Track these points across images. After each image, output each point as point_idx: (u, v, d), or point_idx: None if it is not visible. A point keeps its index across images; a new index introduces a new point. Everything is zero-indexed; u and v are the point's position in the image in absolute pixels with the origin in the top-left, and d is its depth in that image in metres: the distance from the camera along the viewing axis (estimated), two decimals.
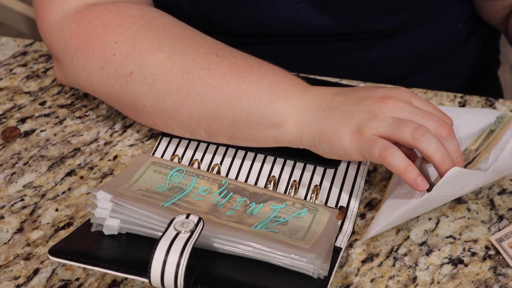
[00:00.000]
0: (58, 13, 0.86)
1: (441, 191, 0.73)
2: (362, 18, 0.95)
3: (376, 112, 0.75)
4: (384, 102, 0.75)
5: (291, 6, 0.93)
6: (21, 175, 0.87)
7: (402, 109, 0.75)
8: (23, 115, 0.94)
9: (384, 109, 0.75)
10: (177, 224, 0.68)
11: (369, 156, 0.74)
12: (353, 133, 0.74)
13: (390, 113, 0.75)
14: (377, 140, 0.73)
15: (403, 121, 0.73)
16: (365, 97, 0.76)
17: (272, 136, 0.79)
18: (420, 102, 0.77)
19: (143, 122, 0.86)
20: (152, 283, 0.67)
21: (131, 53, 0.82)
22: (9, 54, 1.03)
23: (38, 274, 0.77)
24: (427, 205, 0.75)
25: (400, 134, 0.73)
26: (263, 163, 0.85)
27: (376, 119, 0.74)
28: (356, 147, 0.74)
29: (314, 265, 0.70)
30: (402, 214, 0.75)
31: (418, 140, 0.73)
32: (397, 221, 0.76)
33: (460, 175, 0.72)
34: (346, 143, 0.75)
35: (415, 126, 0.73)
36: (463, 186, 0.75)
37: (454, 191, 0.75)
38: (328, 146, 0.76)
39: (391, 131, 0.73)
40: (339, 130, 0.75)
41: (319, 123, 0.76)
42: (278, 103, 0.78)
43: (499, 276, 0.75)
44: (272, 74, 0.80)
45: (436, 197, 0.74)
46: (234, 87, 0.79)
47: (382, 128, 0.74)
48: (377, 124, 0.74)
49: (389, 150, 0.72)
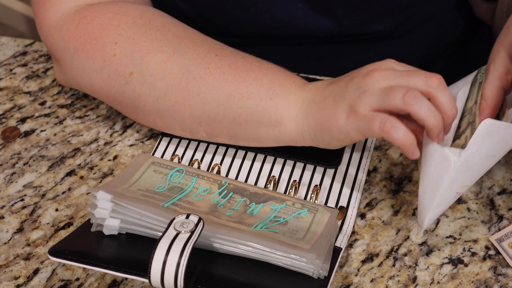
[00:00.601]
0: (57, 13, 0.86)
1: (479, 149, 0.68)
2: (359, 19, 0.95)
3: (364, 88, 0.73)
4: (370, 76, 0.73)
5: (288, 7, 0.92)
6: (21, 175, 0.87)
7: (387, 77, 0.73)
8: (23, 115, 0.94)
9: (371, 82, 0.73)
10: (177, 224, 0.68)
11: (369, 133, 0.72)
12: (348, 114, 0.73)
13: (378, 84, 0.73)
14: (375, 115, 0.71)
15: (392, 88, 0.71)
16: (352, 77, 0.75)
17: (273, 135, 0.79)
18: (404, 66, 0.75)
19: (143, 123, 0.86)
20: (152, 283, 0.67)
21: (131, 53, 0.82)
22: (9, 54, 1.03)
23: (38, 274, 0.77)
24: (469, 171, 0.70)
25: (391, 102, 0.71)
26: (263, 163, 0.85)
27: (365, 94, 0.72)
28: (354, 127, 0.73)
29: (314, 265, 0.70)
30: (448, 189, 0.70)
31: (409, 104, 0.70)
32: (445, 199, 0.71)
33: (494, 127, 0.68)
34: (343, 125, 0.73)
35: (404, 91, 0.70)
36: (503, 143, 0.70)
37: (494, 150, 0.70)
38: (328, 134, 0.75)
39: (382, 102, 0.71)
40: (334, 116, 0.74)
41: (315, 115, 0.76)
42: (277, 101, 0.78)
43: (499, 276, 0.75)
44: (272, 72, 0.80)
45: (477, 157, 0.69)
46: (234, 86, 0.79)
47: (373, 102, 0.72)
48: (367, 99, 0.72)
49: (389, 123, 0.70)
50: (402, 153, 0.75)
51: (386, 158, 0.87)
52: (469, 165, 0.70)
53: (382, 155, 0.87)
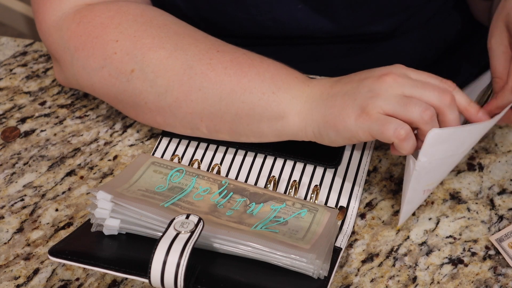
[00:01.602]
0: (57, 13, 0.86)
1: (433, 156, 0.72)
2: (359, 20, 0.95)
3: (377, 91, 0.74)
4: (384, 80, 0.74)
5: (288, 8, 0.93)
6: (21, 175, 0.87)
7: (402, 84, 0.74)
8: (23, 115, 0.94)
9: (385, 86, 0.74)
10: (177, 225, 0.68)
11: (380, 135, 0.73)
12: (358, 114, 0.74)
13: (392, 90, 0.74)
14: (389, 119, 0.72)
15: (410, 100, 0.73)
16: (363, 78, 0.76)
17: (276, 129, 0.79)
18: (417, 74, 0.76)
19: (143, 121, 0.86)
20: (152, 283, 0.67)
21: (132, 51, 0.82)
22: (9, 54, 1.03)
23: (38, 274, 0.77)
24: (433, 171, 0.74)
25: (408, 114, 0.72)
26: (263, 163, 0.85)
27: (379, 98, 0.73)
28: (364, 127, 0.73)
29: (314, 265, 0.70)
30: (413, 190, 0.75)
31: (426, 122, 0.72)
32: (414, 198, 0.76)
33: (442, 135, 0.71)
34: (352, 125, 0.74)
35: (424, 107, 0.72)
36: (458, 144, 0.74)
37: (452, 151, 0.74)
38: (334, 132, 0.76)
39: (399, 110, 0.73)
40: (342, 114, 0.75)
41: (322, 112, 0.76)
42: (280, 96, 0.78)
43: (499, 276, 0.75)
44: (274, 68, 0.80)
45: (434, 162, 0.73)
46: (236, 81, 0.79)
47: (388, 107, 0.73)
48: (382, 103, 0.73)
49: (404, 131, 0.72)
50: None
51: (386, 158, 0.87)
52: (428, 170, 0.74)
53: (382, 155, 0.87)
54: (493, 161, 0.85)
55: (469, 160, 0.85)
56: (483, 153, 0.86)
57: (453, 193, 0.82)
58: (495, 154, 0.86)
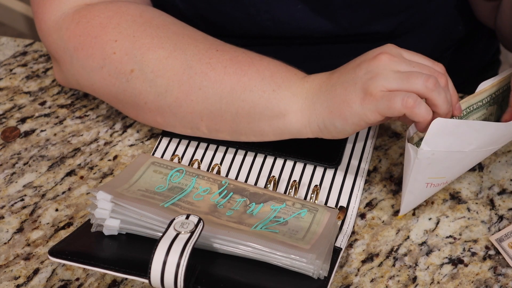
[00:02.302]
0: (56, 13, 0.86)
1: (436, 146, 0.72)
2: (359, 20, 0.95)
3: (375, 71, 0.74)
4: (379, 58, 0.75)
5: (288, 8, 0.92)
6: (21, 175, 0.87)
7: (399, 63, 0.74)
8: (23, 115, 0.94)
9: (382, 65, 0.74)
10: (177, 225, 0.68)
11: (390, 111, 0.73)
12: (362, 97, 0.74)
13: (389, 67, 0.74)
14: (394, 93, 0.72)
15: (411, 73, 0.73)
16: (358, 63, 0.76)
17: (277, 127, 0.79)
18: (410, 54, 0.77)
19: (143, 121, 0.86)
20: (152, 284, 0.67)
21: (131, 51, 0.82)
22: (9, 54, 1.03)
23: (38, 274, 0.77)
24: (437, 164, 0.74)
25: (412, 85, 0.72)
26: (263, 163, 0.85)
27: (379, 77, 0.73)
28: (372, 108, 0.73)
29: (314, 266, 0.70)
30: (415, 180, 0.75)
31: (431, 89, 0.72)
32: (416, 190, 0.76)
33: (446, 125, 0.71)
34: (359, 108, 0.74)
35: (425, 77, 0.73)
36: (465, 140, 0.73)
37: (458, 147, 0.73)
38: (341, 120, 0.75)
39: (401, 84, 0.73)
40: (346, 101, 0.74)
41: (324, 104, 0.76)
42: (280, 93, 0.78)
43: (499, 276, 0.75)
44: (273, 65, 0.80)
45: (437, 154, 0.73)
46: (236, 80, 0.79)
47: (390, 83, 0.73)
48: (383, 81, 0.73)
49: (412, 99, 0.72)
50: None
51: (386, 158, 0.87)
52: (431, 161, 0.73)
53: (382, 155, 0.87)
54: (493, 161, 0.85)
55: None
56: None
57: (453, 193, 0.82)
58: (495, 154, 0.86)
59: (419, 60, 0.76)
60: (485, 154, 0.77)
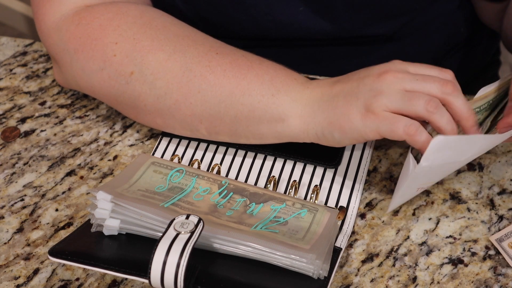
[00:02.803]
0: (57, 15, 0.86)
1: (434, 161, 0.72)
2: (361, 23, 0.95)
3: (379, 89, 0.74)
4: (384, 77, 0.74)
5: (290, 11, 0.92)
6: (21, 175, 0.87)
7: (402, 79, 0.74)
8: (23, 115, 0.94)
9: (386, 83, 0.74)
10: (177, 225, 0.68)
11: (390, 134, 0.73)
12: (363, 114, 0.74)
13: (393, 86, 0.74)
14: (398, 118, 0.72)
15: (413, 94, 0.73)
16: (362, 77, 0.76)
17: (275, 131, 0.79)
18: (415, 67, 0.77)
19: (143, 122, 0.86)
20: (152, 284, 0.67)
21: (131, 53, 0.82)
22: (9, 54, 1.03)
23: (38, 274, 0.77)
24: (431, 174, 0.75)
25: (413, 107, 0.72)
26: (263, 163, 0.85)
27: (382, 95, 0.73)
28: (373, 127, 0.73)
29: (314, 266, 0.70)
30: (408, 187, 0.76)
31: (432, 113, 0.72)
32: (406, 193, 0.77)
33: (446, 142, 0.71)
34: (359, 125, 0.74)
35: (427, 99, 0.72)
36: (459, 152, 0.74)
37: (453, 158, 0.74)
38: (340, 133, 0.75)
39: (403, 106, 0.73)
40: (347, 115, 0.74)
41: (325, 113, 0.76)
42: (280, 98, 0.78)
43: (499, 276, 0.75)
44: (273, 69, 0.80)
45: (434, 167, 0.73)
46: (235, 83, 0.79)
47: (393, 104, 0.73)
48: (385, 100, 0.73)
49: (414, 127, 0.72)
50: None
51: (386, 158, 0.87)
52: (426, 172, 0.74)
53: (382, 155, 0.87)
54: (493, 161, 0.85)
55: None
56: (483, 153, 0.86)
57: (453, 193, 0.82)
58: (495, 154, 0.86)
59: (425, 71, 0.76)
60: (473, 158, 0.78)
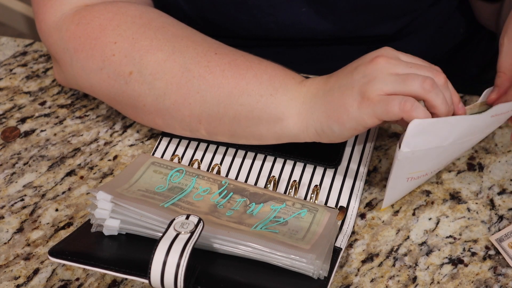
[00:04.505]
0: (57, 14, 0.86)
1: (415, 146, 0.72)
2: (363, 23, 0.95)
3: (372, 74, 0.74)
4: (376, 62, 0.74)
5: (292, 11, 0.92)
6: (21, 175, 0.87)
7: (396, 65, 0.74)
8: (23, 115, 0.94)
9: (379, 68, 0.74)
10: (177, 225, 0.68)
11: (387, 115, 0.72)
12: (359, 101, 0.73)
13: (386, 70, 0.74)
14: (392, 97, 0.72)
15: (407, 75, 0.73)
16: (355, 66, 0.76)
17: (274, 132, 0.79)
18: (407, 56, 0.77)
19: (143, 122, 0.86)
20: (152, 284, 0.67)
21: (130, 53, 0.82)
22: (9, 54, 1.03)
23: (38, 274, 0.77)
24: (417, 161, 0.74)
25: (409, 87, 0.72)
26: (263, 163, 0.85)
27: (376, 80, 0.73)
28: (370, 112, 0.73)
29: (314, 266, 0.70)
30: (396, 177, 0.76)
31: (428, 91, 0.72)
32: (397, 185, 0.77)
33: (423, 125, 0.71)
34: (356, 113, 0.73)
35: (422, 78, 0.72)
36: (443, 135, 0.73)
37: (437, 143, 0.74)
38: (338, 125, 0.75)
39: (398, 87, 0.73)
40: (344, 105, 0.74)
41: (322, 108, 0.76)
42: (278, 97, 0.78)
43: (499, 276, 0.75)
44: (271, 69, 0.80)
45: (417, 153, 0.73)
46: (234, 84, 0.79)
47: (387, 87, 0.73)
48: (380, 84, 0.73)
49: (409, 103, 0.71)
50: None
51: (386, 158, 0.87)
52: (411, 160, 0.74)
53: (382, 155, 0.87)
54: (493, 161, 0.85)
55: (469, 160, 0.85)
56: (483, 153, 0.86)
57: (453, 193, 0.82)
58: (495, 154, 0.86)
59: (416, 62, 0.76)
60: (464, 146, 0.77)
